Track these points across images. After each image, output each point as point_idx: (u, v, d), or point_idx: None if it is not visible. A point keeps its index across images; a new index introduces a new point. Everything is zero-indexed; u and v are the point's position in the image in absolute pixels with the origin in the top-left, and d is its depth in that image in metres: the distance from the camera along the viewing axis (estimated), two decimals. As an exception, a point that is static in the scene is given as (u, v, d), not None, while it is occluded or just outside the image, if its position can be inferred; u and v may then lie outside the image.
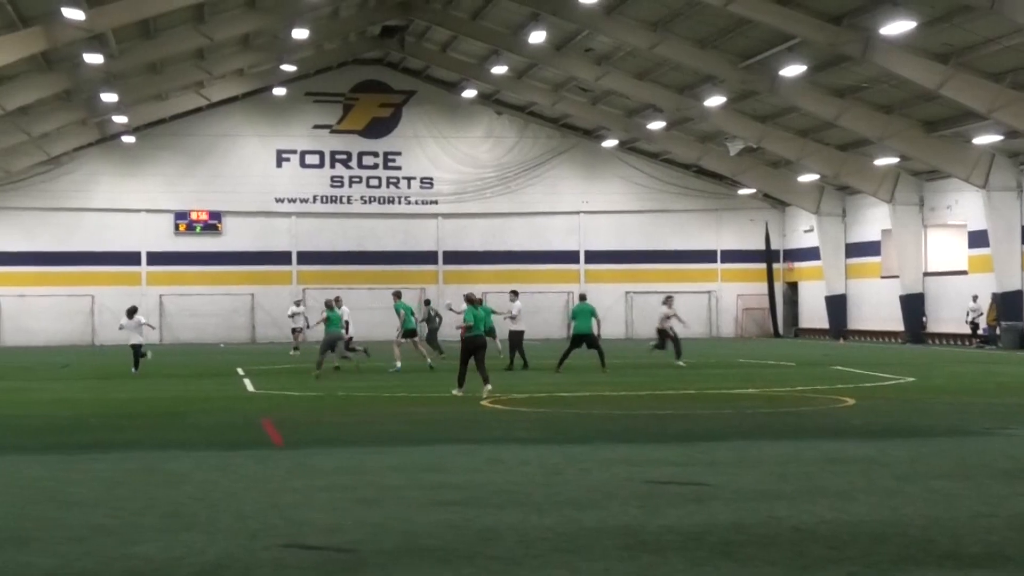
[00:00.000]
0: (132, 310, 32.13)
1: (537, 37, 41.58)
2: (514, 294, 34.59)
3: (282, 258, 56.24)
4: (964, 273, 46.44)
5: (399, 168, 57.10)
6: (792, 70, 37.55)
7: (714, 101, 43.78)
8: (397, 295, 32.91)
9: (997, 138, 39.62)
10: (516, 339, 31.88)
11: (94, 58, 36.49)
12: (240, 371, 31.33)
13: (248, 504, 10.58)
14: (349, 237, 56.60)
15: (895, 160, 45.70)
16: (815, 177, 51.90)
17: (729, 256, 59.05)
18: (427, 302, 39.63)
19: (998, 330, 42.83)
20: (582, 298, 32.23)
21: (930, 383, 25.86)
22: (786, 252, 59.39)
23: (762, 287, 58.63)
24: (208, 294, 55.13)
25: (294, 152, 56.37)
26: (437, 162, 57.09)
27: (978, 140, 40.37)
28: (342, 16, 46.95)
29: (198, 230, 55.44)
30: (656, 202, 58.25)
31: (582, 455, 13.75)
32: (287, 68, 49.60)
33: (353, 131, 56.82)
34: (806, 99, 41.94)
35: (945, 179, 45.94)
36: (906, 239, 48.37)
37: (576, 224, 58.12)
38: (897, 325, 49.37)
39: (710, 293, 58.45)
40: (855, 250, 54.00)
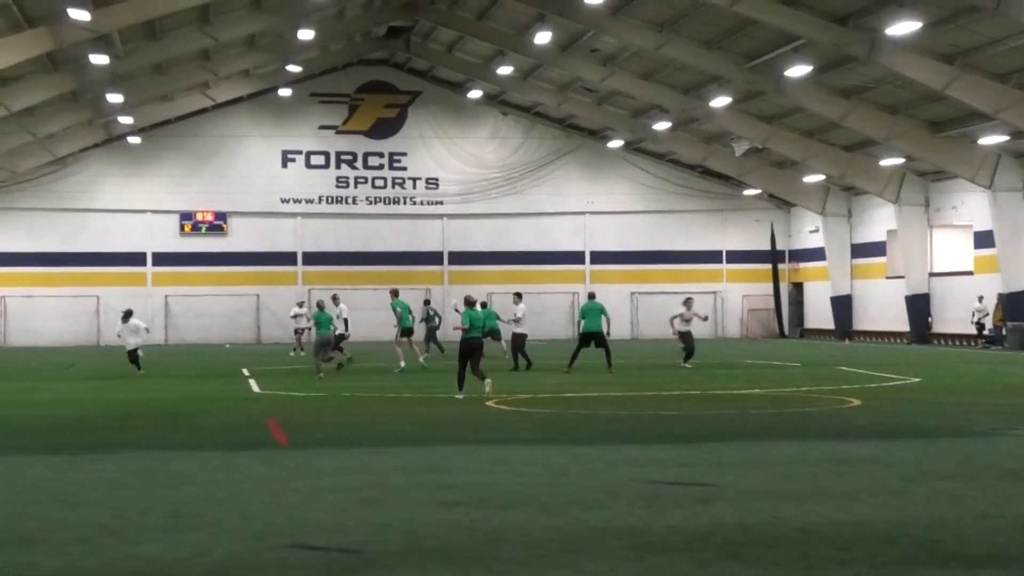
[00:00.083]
0: (128, 313, 32.00)
1: (543, 38, 41.57)
2: (518, 296, 34.59)
3: (287, 259, 56.28)
4: (970, 274, 46.38)
5: (404, 169, 57.11)
6: (798, 70, 37.52)
7: (720, 102, 43.76)
8: (394, 293, 32.90)
9: (1003, 138, 39.58)
10: (519, 341, 31.86)
11: (100, 59, 36.50)
12: (245, 372, 31.34)
13: (252, 504, 10.58)
14: (354, 238, 56.60)
15: (901, 161, 45.66)
16: (821, 177, 51.86)
17: (734, 257, 59.03)
18: (427, 302, 39.58)
19: (1004, 330, 42.82)
20: (591, 296, 32.02)
21: (936, 384, 25.82)
22: (791, 252, 59.34)
23: (767, 288, 58.59)
24: (213, 295, 55.14)
25: (299, 153, 56.40)
26: (442, 163, 57.09)
27: (984, 140, 40.32)
28: (348, 17, 46.95)
29: (203, 231, 55.48)
30: (661, 203, 58.24)
31: (587, 456, 13.75)
32: (292, 69, 49.62)
33: (358, 132, 56.82)
34: (812, 100, 41.90)
35: (951, 179, 45.89)
36: (912, 239, 48.33)
37: (581, 224, 58.10)
38: (903, 326, 49.32)
39: (715, 294, 58.39)
40: (861, 251, 53.94)
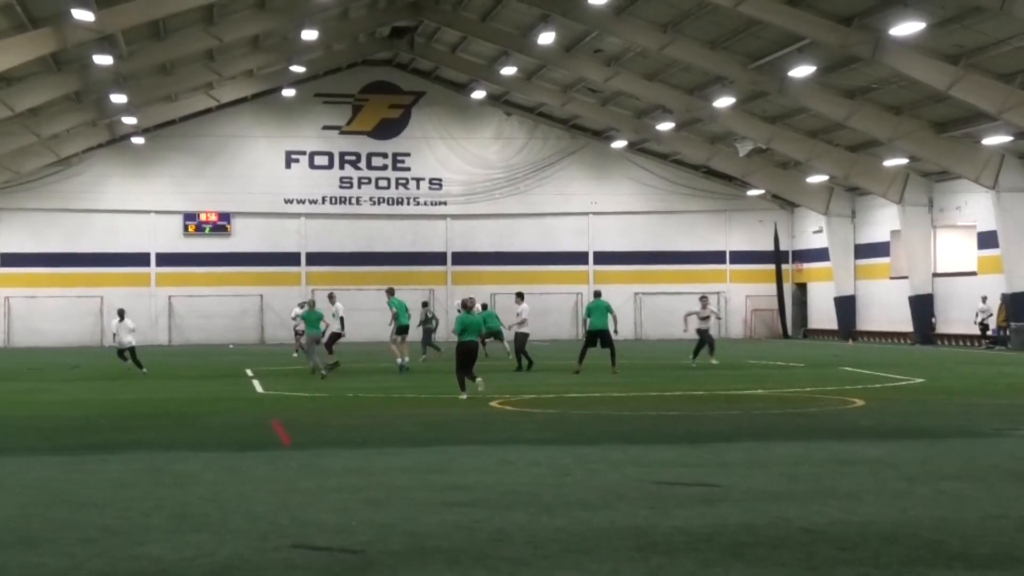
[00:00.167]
0: (122, 312, 32.32)
1: (546, 38, 41.57)
2: (520, 296, 34.64)
3: (291, 259, 56.29)
4: (973, 274, 46.36)
5: (408, 169, 57.12)
6: (802, 71, 37.49)
7: (724, 102, 43.75)
8: (390, 292, 33.00)
9: (1007, 139, 39.57)
10: (520, 341, 31.93)
11: (104, 59, 36.53)
12: (249, 372, 31.35)
13: (257, 505, 10.59)
14: (358, 238, 56.62)
15: (904, 161, 45.64)
16: (824, 178, 51.84)
17: (738, 257, 59.02)
18: (425, 304, 39.59)
19: (1008, 331, 42.76)
20: (596, 295, 31.94)
21: (939, 384, 25.80)
22: (795, 253, 59.34)
23: (771, 288, 58.58)
24: (217, 295, 55.18)
25: (303, 153, 56.42)
26: (446, 163, 57.10)
27: (988, 141, 40.31)
28: (351, 17, 46.97)
29: (207, 231, 55.51)
30: (665, 203, 58.23)
31: (591, 456, 13.75)
32: (296, 69, 49.63)
33: (362, 132, 56.84)
34: (816, 100, 41.89)
35: (955, 180, 45.86)
36: (915, 240, 48.30)
37: (585, 225, 58.09)
38: (906, 326, 49.29)
39: (719, 294, 58.30)
40: (864, 251, 53.92)
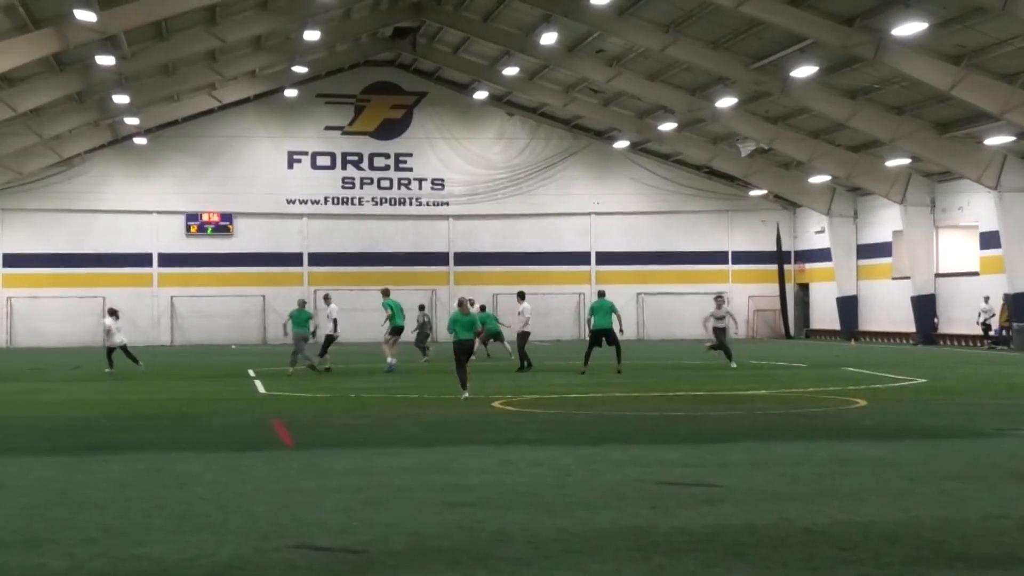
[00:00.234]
0: (113, 311, 32.41)
1: (549, 38, 41.57)
2: (521, 296, 34.66)
3: (293, 259, 56.29)
4: (976, 274, 46.33)
5: (410, 169, 57.10)
6: (804, 71, 37.49)
7: (726, 102, 43.73)
8: (385, 292, 33.11)
9: (1009, 139, 39.54)
10: (521, 340, 31.98)
11: (106, 60, 36.57)
12: (251, 372, 31.37)
13: (258, 505, 10.59)
14: (360, 238, 56.61)
15: (907, 161, 45.61)
16: (827, 178, 51.82)
17: (740, 257, 58.98)
18: (421, 307, 39.61)
19: (1010, 331, 42.72)
20: (600, 295, 31.83)
21: (941, 384, 25.79)
22: (797, 253, 59.30)
23: (773, 288, 58.54)
24: (219, 295, 55.18)
25: (305, 153, 56.40)
26: (448, 163, 57.08)
27: (990, 141, 40.29)
28: (354, 18, 46.98)
29: (209, 231, 55.50)
30: (667, 203, 58.19)
31: (593, 456, 13.74)
32: (299, 70, 49.64)
33: (364, 132, 56.82)
34: (818, 100, 41.87)
35: (957, 180, 45.83)
36: (918, 240, 48.26)
37: (587, 225, 58.07)
38: (909, 326, 49.26)
39: (721, 294, 58.23)
40: (866, 251, 53.89)
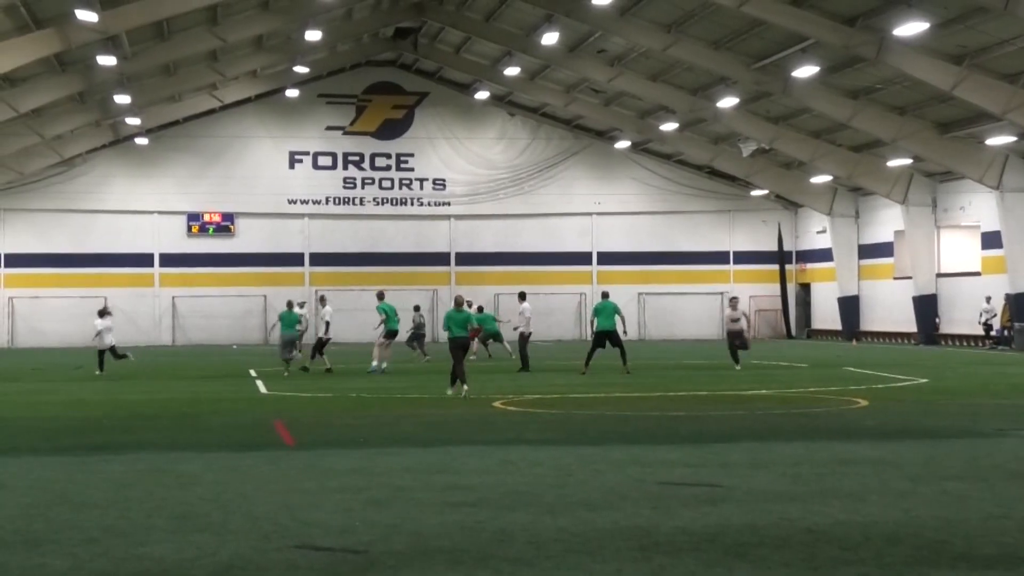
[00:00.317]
0: (104, 311, 32.37)
1: (550, 38, 41.57)
2: (522, 296, 34.65)
3: (294, 259, 56.29)
4: (977, 274, 46.31)
5: (412, 169, 57.09)
6: (806, 71, 37.47)
7: (727, 102, 43.71)
8: (380, 296, 33.18)
9: (1011, 139, 39.52)
10: (522, 341, 32.00)
11: (108, 60, 36.57)
12: (252, 372, 31.38)
13: (259, 505, 10.59)
14: (361, 238, 56.60)
15: (908, 161, 45.58)
16: (828, 178, 51.80)
17: (742, 257, 58.96)
18: (416, 308, 39.67)
19: (1011, 331, 42.71)
20: (604, 296, 31.59)
21: (943, 384, 25.79)
22: (799, 253, 59.28)
23: (775, 288, 58.52)
24: (221, 296, 55.18)
25: (307, 153, 56.40)
26: (450, 163, 57.08)
27: (992, 141, 40.26)
28: (355, 18, 46.98)
29: (211, 231, 55.50)
30: (669, 203, 58.17)
31: (594, 456, 13.74)
32: (300, 70, 49.63)
33: (366, 132, 56.82)
34: (819, 100, 41.85)
35: (958, 180, 45.81)
36: (919, 240, 48.24)
37: (589, 225, 58.05)
38: (910, 326, 49.25)
39: (722, 294, 58.19)
40: (868, 251, 53.87)
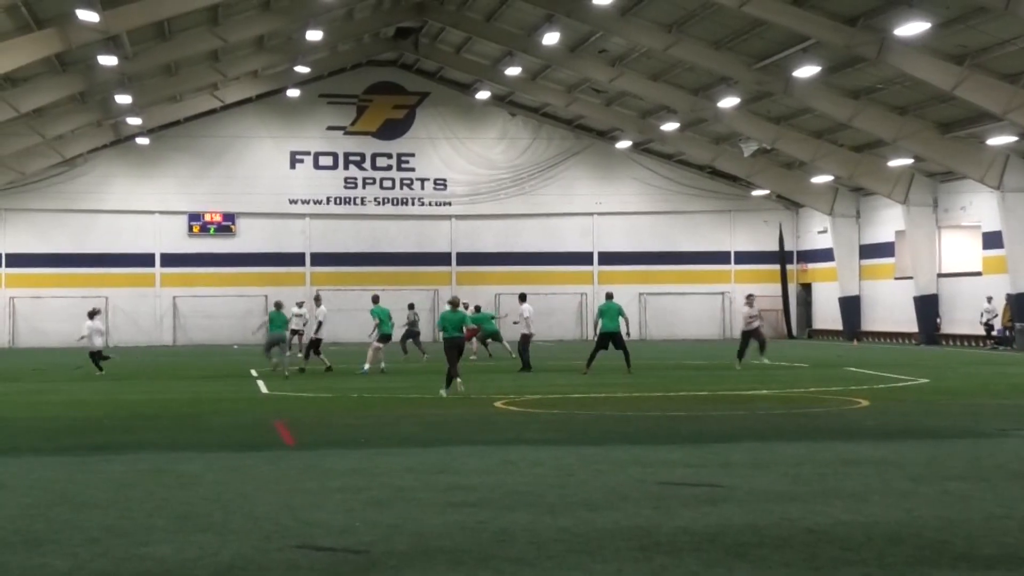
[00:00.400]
0: (94, 312, 32.38)
1: (551, 38, 41.56)
2: (522, 297, 34.66)
3: (296, 259, 56.29)
4: (978, 274, 46.29)
5: (413, 169, 57.09)
6: (807, 71, 37.46)
7: (728, 102, 43.70)
8: (375, 300, 33.28)
9: (1012, 139, 39.49)
10: (523, 342, 31.99)
11: (109, 60, 36.57)
12: (254, 372, 31.36)
13: (260, 505, 10.59)
14: (363, 238, 56.59)
15: (909, 161, 45.56)
16: (829, 178, 51.78)
17: (743, 257, 58.94)
18: (411, 306, 39.74)
19: (1012, 331, 42.70)
20: (608, 297, 31.33)
21: (944, 384, 25.77)
22: (800, 253, 59.27)
23: (776, 288, 58.47)
24: (221, 295, 55.17)
25: (308, 153, 56.40)
26: (451, 163, 57.07)
27: (993, 141, 40.24)
28: (356, 18, 46.98)
29: (212, 231, 55.51)
30: (670, 203, 58.15)
31: (595, 456, 13.74)
32: (301, 70, 49.65)
33: (367, 132, 56.82)
34: (821, 100, 41.84)
35: (959, 180, 45.80)
36: (920, 240, 48.22)
37: (590, 225, 58.04)
38: (911, 326, 49.23)
39: (723, 294, 58.33)
40: (869, 251, 53.86)
